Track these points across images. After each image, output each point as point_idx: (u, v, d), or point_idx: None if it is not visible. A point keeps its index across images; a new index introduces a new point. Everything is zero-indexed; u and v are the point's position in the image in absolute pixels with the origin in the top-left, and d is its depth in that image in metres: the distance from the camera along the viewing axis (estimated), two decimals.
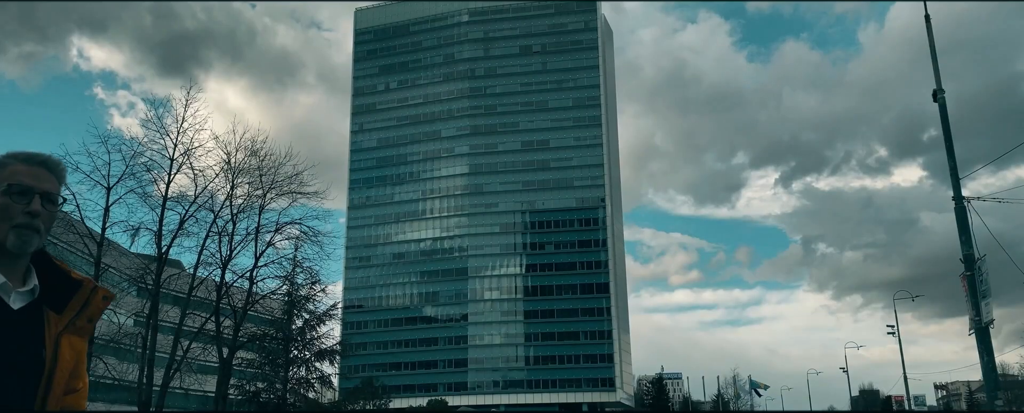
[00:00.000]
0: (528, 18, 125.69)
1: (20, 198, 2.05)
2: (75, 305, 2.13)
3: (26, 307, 2.06)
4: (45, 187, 2.09)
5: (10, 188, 2.05)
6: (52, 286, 2.13)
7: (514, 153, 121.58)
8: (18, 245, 2.02)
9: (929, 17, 17.32)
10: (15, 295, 2.06)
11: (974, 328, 15.39)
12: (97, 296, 2.18)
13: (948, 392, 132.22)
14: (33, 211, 2.04)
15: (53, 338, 2.08)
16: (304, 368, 33.84)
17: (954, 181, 15.84)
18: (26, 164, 2.10)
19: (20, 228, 2.03)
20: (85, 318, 2.15)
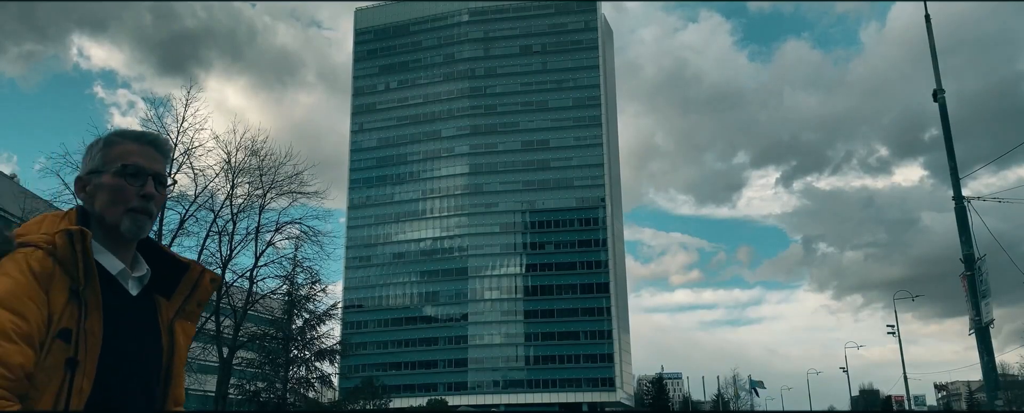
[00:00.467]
0: (528, 18, 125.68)
1: (134, 179, 1.95)
2: (184, 289, 2.06)
3: (141, 294, 2.00)
4: (156, 168, 2.00)
5: (124, 169, 1.95)
6: (158, 270, 2.05)
7: (514, 153, 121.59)
8: (133, 230, 1.93)
9: (929, 17, 17.33)
10: (131, 281, 1.99)
11: (974, 328, 15.40)
12: (205, 279, 2.09)
13: (948, 392, 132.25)
14: (148, 194, 1.95)
15: (166, 324, 2.02)
16: (304, 368, 33.84)
17: (954, 181, 15.85)
18: (137, 143, 2.00)
19: (135, 212, 1.93)
20: (194, 302, 2.08)
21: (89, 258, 1.80)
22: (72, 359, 1.72)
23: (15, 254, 1.78)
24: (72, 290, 1.78)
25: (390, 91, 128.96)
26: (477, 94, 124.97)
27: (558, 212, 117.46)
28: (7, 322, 1.66)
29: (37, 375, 1.69)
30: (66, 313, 1.75)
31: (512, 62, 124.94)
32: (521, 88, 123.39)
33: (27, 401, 1.67)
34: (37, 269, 1.75)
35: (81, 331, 1.75)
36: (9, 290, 1.71)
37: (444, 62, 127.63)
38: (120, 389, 1.83)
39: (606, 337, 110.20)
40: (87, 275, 1.79)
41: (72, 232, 1.80)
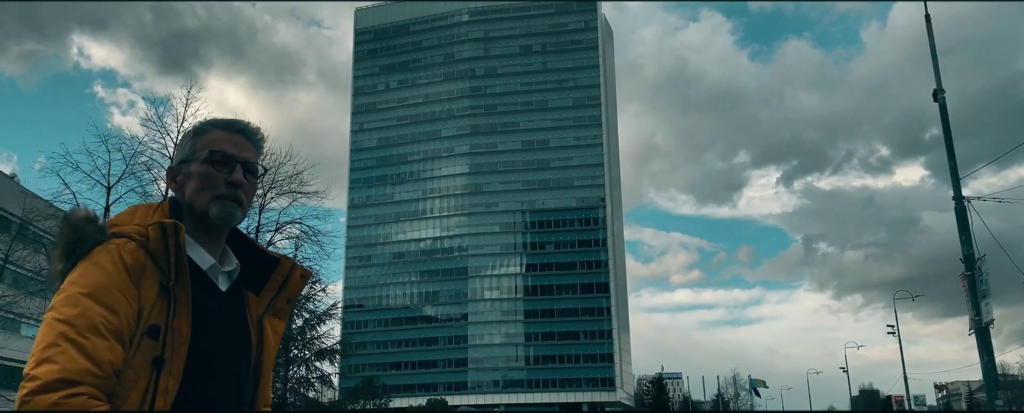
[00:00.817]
0: (528, 18, 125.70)
1: (222, 167, 1.89)
2: (274, 285, 1.98)
3: (231, 289, 1.93)
4: (246, 156, 1.94)
5: (212, 155, 1.89)
6: (248, 265, 1.98)
7: (514, 153, 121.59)
8: (222, 217, 1.86)
9: (929, 17, 17.33)
10: (221, 276, 1.92)
11: (974, 328, 15.40)
12: (295, 274, 2.01)
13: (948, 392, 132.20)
14: (235, 181, 1.88)
15: (256, 321, 1.95)
16: (304, 368, 33.87)
17: (954, 181, 15.85)
18: (226, 131, 1.95)
19: (223, 199, 1.87)
20: (284, 299, 2.00)
21: (181, 253, 1.74)
22: (158, 358, 1.65)
23: (107, 245, 1.70)
24: (162, 285, 1.71)
25: (390, 91, 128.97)
26: (477, 94, 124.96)
27: (558, 212, 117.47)
28: (97, 316, 1.59)
29: (125, 373, 1.62)
30: (156, 309, 1.69)
31: (512, 62, 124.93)
32: (521, 88, 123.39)
33: (114, 400, 1.60)
34: (129, 261, 1.68)
35: (169, 329, 1.68)
36: (100, 283, 1.63)
37: (444, 62, 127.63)
38: (208, 389, 1.76)
39: (606, 337, 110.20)
40: (178, 271, 1.73)
41: (165, 225, 1.74)
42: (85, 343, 1.55)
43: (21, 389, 1.52)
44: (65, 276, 1.69)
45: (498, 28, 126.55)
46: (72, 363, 1.52)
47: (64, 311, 1.59)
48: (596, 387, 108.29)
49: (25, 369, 1.55)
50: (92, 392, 1.53)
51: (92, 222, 1.73)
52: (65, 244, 1.72)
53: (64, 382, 1.50)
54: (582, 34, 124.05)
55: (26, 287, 29.26)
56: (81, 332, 1.56)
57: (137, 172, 27.29)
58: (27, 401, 1.49)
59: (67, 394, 1.49)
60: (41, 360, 1.53)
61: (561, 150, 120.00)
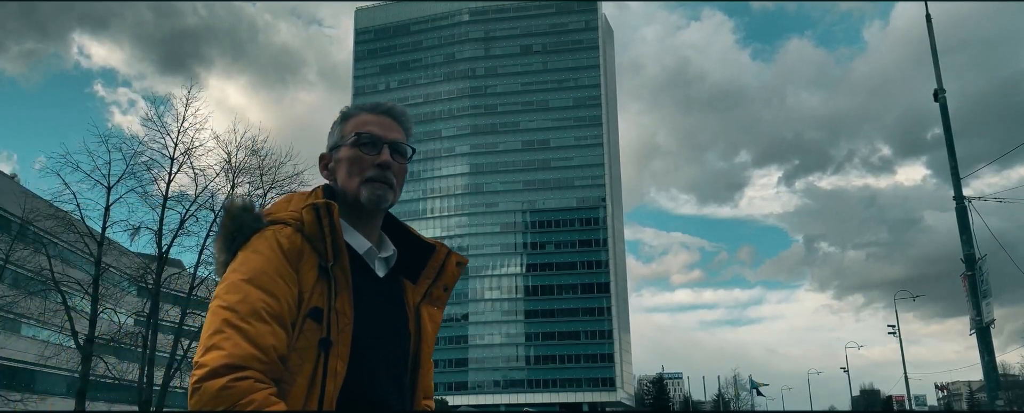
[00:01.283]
0: (529, 18, 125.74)
1: (369, 149, 1.87)
2: (430, 272, 1.93)
3: (388, 276, 1.89)
4: (393, 137, 1.91)
5: (358, 138, 1.88)
6: (403, 252, 1.95)
7: (515, 152, 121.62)
8: (372, 200, 1.84)
9: (930, 17, 17.31)
10: (378, 262, 1.88)
11: (975, 328, 15.39)
12: (451, 262, 1.96)
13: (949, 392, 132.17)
14: (383, 162, 1.87)
15: (413, 309, 1.90)
16: None
17: (955, 181, 15.84)
18: (373, 113, 1.93)
19: (372, 182, 1.85)
20: (441, 287, 1.95)
21: (337, 232, 1.71)
22: (325, 339, 1.64)
23: (264, 231, 1.70)
24: (321, 267, 1.69)
25: (390, 91, 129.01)
26: (477, 94, 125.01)
27: (559, 212, 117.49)
28: (258, 301, 1.59)
29: (290, 357, 1.61)
30: (316, 292, 1.67)
31: (512, 62, 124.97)
32: (521, 88, 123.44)
33: (281, 385, 1.58)
34: (286, 246, 1.67)
35: (332, 310, 1.66)
36: (259, 268, 1.63)
37: (444, 62, 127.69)
38: (372, 374, 1.72)
39: (606, 337, 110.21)
40: (335, 251, 1.71)
41: (318, 206, 1.73)
42: (248, 329, 1.55)
43: (191, 377, 1.52)
44: (226, 267, 1.70)
45: (498, 28, 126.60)
46: (237, 349, 1.52)
47: (227, 298, 1.60)
48: (596, 387, 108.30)
49: (194, 358, 1.56)
50: (258, 376, 1.52)
51: (249, 211, 1.74)
52: (225, 235, 1.72)
53: (230, 367, 1.50)
54: (582, 34, 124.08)
55: (26, 287, 29.24)
56: (244, 318, 1.56)
57: (137, 172, 27.33)
58: (197, 388, 1.50)
59: (234, 378, 1.49)
60: (208, 347, 1.54)
61: (561, 150, 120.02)
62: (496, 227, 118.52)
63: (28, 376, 42.16)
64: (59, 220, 26.75)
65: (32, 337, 39.66)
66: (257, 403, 1.48)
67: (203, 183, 28.72)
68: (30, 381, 42.03)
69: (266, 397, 1.50)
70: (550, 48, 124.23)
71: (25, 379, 41.74)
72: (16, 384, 38.84)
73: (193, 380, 1.51)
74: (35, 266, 27.29)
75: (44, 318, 29.30)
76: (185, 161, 28.19)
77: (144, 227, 27.06)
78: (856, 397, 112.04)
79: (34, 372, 41.37)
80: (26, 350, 39.30)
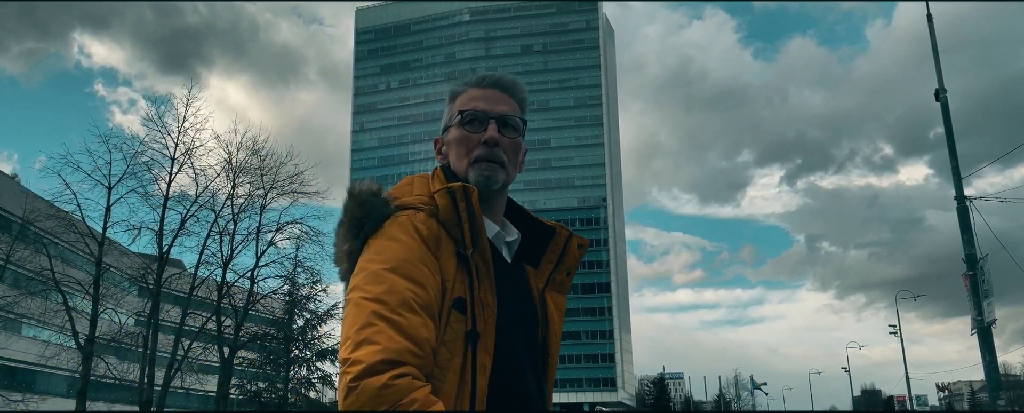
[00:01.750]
0: (529, 17, 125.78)
1: (475, 126, 1.74)
2: (551, 257, 1.82)
3: (513, 261, 1.78)
4: (500, 110, 1.76)
5: (462, 116, 1.75)
6: (523, 235, 1.82)
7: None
8: (481, 181, 1.70)
9: (931, 16, 17.29)
10: (504, 247, 1.76)
11: (976, 328, 15.37)
12: (572, 245, 1.84)
13: (950, 392, 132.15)
14: (489, 139, 1.72)
15: (538, 295, 1.78)
16: (305, 368, 33.84)
17: (956, 180, 15.83)
18: (479, 87, 1.80)
19: (479, 162, 1.72)
20: (564, 271, 1.83)
21: (476, 217, 1.59)
22: (472, 332, 1.52)
23: (398, 217, 1.58)
24: (459, 255, 1.57)
25: (391, 91, 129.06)
26: None
27: (559, 212, 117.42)
28: (406, 291, 1.46)
29: (439, 351, 1.49)
30: (457, 281, 1.55)
31: (513, 61, 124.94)
32: None
33: (433, 381, 1.47)
34: (424, 232, 1.56)
35: (475, 301, 1.54)
36: (402, 256, 1.51)
37: (445, 62, 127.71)
38: (516, 367, 1.61)
39: (607, 337, 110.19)
40: (475, 237, 1.58)
41: (454, 190, 1.60)
42: (400, 320, 1.43)
43: (343, 375, 1.39)
44: (354, 256, 1.58)
45: (499, 28, 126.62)
46: (392, 342, 1.40)
47: (371, 289, 1.47)
48: (597, 387, 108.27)
49: (341, 354, 1.43)
50: (415, 372, 1.41)
51: (377, 195, 1.62)
52: (351, 221, 1.61)
53: (388, 363, 1.38)
54: (583, 34, 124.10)
55: (27, 287, 29.25)
56: (394, 309, 1.44)
57: (138, 172, 27.39)
58: (354, 387, 1.36)
59: (393, 375, 1.37)
60: (358, 342, 1.40)
61: (562, 150, 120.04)
62: None
63: (29, 376, 42.18)
64: (60, 220, 26.77)
65: (33, 337, 39.67)
66: (419, 403, 1.36)
67: (204, 183, 28.79)
68: (31, 381, 42.05)
69: (426, 396, 1.38)
70: (551, 48, 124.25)
71: (26, 379, 41.76)
72: (17, 384, 38.87)
73: (347, 378, 1.38)
74: (36, 266, 27.31)
75: (45, 318, 29.33)
76: (186, 161, 28.26)
77: (145, 227, 27.11)
78: (857, 397, 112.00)
79: (35, 372, 41.38)
80: (27, 350, 39.31)
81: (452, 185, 1.62)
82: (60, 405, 42.62)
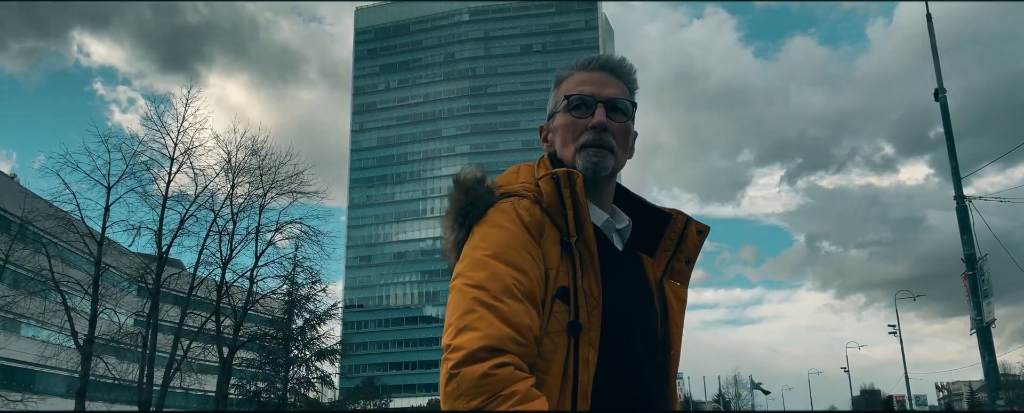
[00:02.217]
0: (529, 17, 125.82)
1: (582, 111, 1.68)
2: (668, 244, 1.73)
3: (625, 250, 1.71)
4: (608, 93, 1.69)
5: (568, 101, 1.70)
6: (636, 222, 1.75)
7: (515, 152, 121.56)
8: (589, 168, 1.64)
9: (931, 16, 17.29)
10: (614, 235, 1.70)
11: (975, 328, 15.37)
12: (691, 231, 1.75)
13: (949, 392, 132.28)
14: (597, 124, 1.65)
15: (655, 285, 1.70)
16: (305, 368, 33.85)
17: (956, 180, 15.83)
18: (585, 70, 1.73)
19: (586, 148, 1.65)
20: (682, 259, 1.74)
21: (580, 204, 1.54)
22: (574, 323, 1.47)
23: (501, 204, 1.56)
24: (563, 243, 1.53)
25: (391, 90, 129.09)
26: (478, 93, 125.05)
27: None
28: (507, 278, 1.43)
29: (543, 342, 1.45)
30: (561, 270, 1.50)
31: (512, 61, 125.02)
32: (522, 87, 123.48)
33: (535, 372, 1.42)
34: (527, 219, 1.52)
35: (579, 291, 1.49)
36: (505, 243, 1.48)
37: (444, 61, 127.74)
38: (627, 361, 1.54)
39: None
40: (579, 225, 1.53)
41: (557, 175, 1.56)
42: (502, 307, 1.40)
43: (445, 362, 1.38)
44: (460, 245, 1.57)
45: (498, 27, 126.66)
46: (494, 329, 1.37)
47: (473, 276, 1.46)
48: None
49: (443, 340, 1.42)
50: (518, 362, 1.37)
51: (481, 182, 1.61)
52: (457, 209, 1.61)
53: (489, 350, 1.35)
54: (583, 33, 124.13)
55: (26, 287, 29.24)
56: (495, 296, 1.41)
57: (137, 172, 27.38)
58: (454, 374, 1.34)
59: (495, 364, 1.33)
60: (460, 328, 1.39)
61: None
62: None
63: (28, 376, 42.15)
64: (59, 220, 26.76)
65: (32, 337, 39.65)
66: (520, 395, 1.32)
67: (203, 183, 28.78)
68: (30, 381, 42.02)
69: (528, 389, 1.34)
70: (550, 48, 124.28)
71: (25, 379, 41.73)
72: (16, 384, 38.83)
73: (449, 365, 1.36)
74: (35, 266, 27.29)
75: (44, 318, 29.30)
76: (185, 161, 28.25)
77: (144, 227, 27.11)
78: (856, 397, 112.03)
79: (34, 372, 41.35)
80: (26, 350, 39.28)
81: (556, 171, 1.58)
82: (59, 405, 42.60)
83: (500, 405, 1.31)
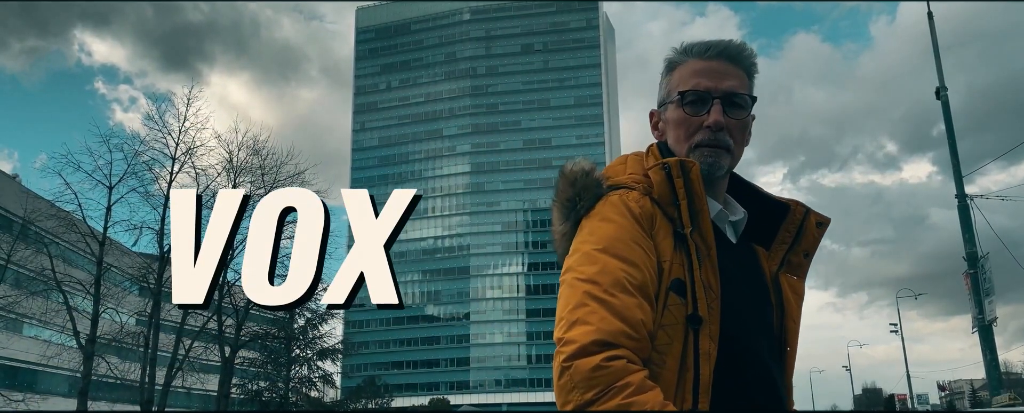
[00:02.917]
0: (530, 16, 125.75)
1: (696, 108, 1.61)
2: (785, 236, 1.66)
3: (740, 242, 1.65)
4: (726, 86, 1.62)
5: (682, 98, 1.62)
6: (752, 213, 1.69)
7: (516, 151, 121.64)
8: (704, 169, 1.58)
9: (932, 15, 17.29)
10: (728, 227, 1.65)
11: (977, 326, 15.37)
12: (810, 222, 1.67)
13: (951, 391, 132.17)
14: (714, 124, 1.59)
15: (771, 279, 1.64)
16: (306, 367, 33.89)
17: (957, 179, 15.84)
18: (702, 58, 1.64)
19: (701, 147, 1.60)
20: (800, 253, 1.67)
21: (696, 192, 1.50)
22: (694, 315, 1.43)
23: (609, 197, 1.52)
24: (677, 234, 1.49)
25: (391, 90, 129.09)
26: (479, 93, 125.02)
27: None
28: (618, 271, 1.40)
29: (657, 335, 1.42)
30: (675, 262, 1.47)
31: (513, 60, 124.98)
32: (523, 87, 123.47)
33: (650, 366, 1.40)
34: (637, 211, 1.49)
35: (696, 282, 1.45)
36: (614, 236, 1.45)
37: (445, 61, 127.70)
38: (746, 354, 1.50)
39: None
40: (693, 214, 1.50)
41: (669, 165, 1.52)
42: (613, 301, 1.38)
43: (558, 355, 1.38)
44: (569, 237, 1.54)
45: (499, 27, 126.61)
46: (605, 323, 1.36)
47: (584, 270, 1.43)
48: None
49: (556, 334, 1.41)
50: (630, 356, 1.35)
51: (588, 174, 1.56)
52: (564, 202, 1.56)
53: (601, 344, 1.34)
54: (583, 32, 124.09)
55: (28, 287, 29.27)
56: (607, 289, 1.39)
57: (139, 172, 27.41)
58: (567, 367, 1.34)
59: (607, 357, 1.32)
60: (572, 322, 1.38)
61: (563, 149, 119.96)
62: (497, 226, 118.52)
63: (30, 376, 42.20)
64: (61, 220, 26.78)
65: (34, 337, 39.68)
66: (633, 387, 1.31)
67: (205, 183, 28.79)
68: (32, 381, 42.07)
69: (642, 381, 1.32)
70: (551, 47, 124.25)
71: (27, 379, 41.78)
72: (18, 384, 38.88)
73: (562, 358, 1.35)
74: (37, 266, 27.32)
75: (46, 318, 29.32)
76: (186, 161, 28.28)
77: (146, 227, 27.13)
78: (858, 396, 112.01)
79: (36, 372, 41.39)
80: (28, 350, 39.32)
81: (667, 160, 1.54)
82: (61, 405, 42.64)
83: (614, 397, 1.30)
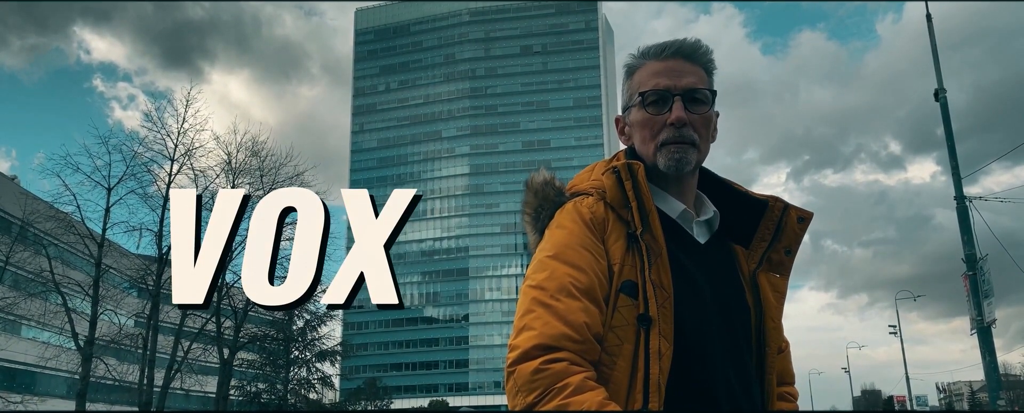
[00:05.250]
0: (529, 18, 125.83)
1: (658, 107, 1.62)
2: (765, 233, 1.67)
3: (711, 241, 1.64)
4: (686, 83, 1.64)
5: (643, 98, 1.64)
6: (729, 212, 1.69)
7: (515, 153, 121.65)
8: (671, 166, 1.60)
9: (930, 16, 17.31)
10: (696, 226, 1.64)
11: (975, 328, 15.37)
12: (789, 218, 1.68)
13: (950, 392, 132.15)
14: (675, 121, 1.61)
15: (749, 278, 1.64)
16: (305, 369, 33.86)
17: (956, 180, 15.84)
18: (658, 59, 1.66)
19: (667, 146, 1.61)
20: (781, 249, 1.68)
21: (643, 195, 1.52)
22: (644, 315, 1.44)
23: (566, 205, 1.57)
24: (630, 236, 1.51)
25: (391, 91, 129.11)
26: (478, 94, 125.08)
27: None
28: (564, 276, 1.44)
29: (607, 336, 1.44)
30: (627, 263, 1.49)
31: (513, 62, 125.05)
32: (522, 88, 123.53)
33: (601, 368, 1.42)
34: (588, 216, 1.53)
35: (647, 283, 1.46)
36: (564, 242, 1.49)
37: (445, 62, 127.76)
38: (704, 355, 1.50)
39: None
40: (643, 215, 1.51)
41: (618, 169, 1.56)
42: (557, 305, 1.42)
43: (506, 360, 1.44)
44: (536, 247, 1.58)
45: (498, 28, 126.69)
46: (548, 328, 1.40)
47: (535, 277, 1.48)
48: None
49: (509, 341, 1.46)
50: (573, 358, 1.38)
51: (550, 184, 1.63)
52: (531, 212, 1.62)
53: (542, 348, 1.38)
54: (583, 34, 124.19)
55: (27, 289, 29.24)
56: (552, 295, 1.43)
57: (137, 173, 27.40)
58: (511, 372, 1.40)
59: (546, 360, 1.37)
60: (519, 329, 1.43)
61: (562, 150, 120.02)
62: (496, 228, 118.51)
63: (28, 377, 42.16)
64: (59, 222, 26.78)
65: (32, 339, 39.67)
66: (572, 388, 1.34)
67: (203, 184, 28.77)
68: (31, 383, 42.03)
69: (582, 381, 1.35)
70: (550, 48, 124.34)
71: (25, 380, 41.74)
72: (16, 385, 38.84)
73: (507, 363, 1.42)
74: (35, 268, 27.30)
75: (44, 320, 29.32)
76: (185, 162, 28.27)
77: (144, 229, 27.12)
78: (857, 397, 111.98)
79: (34, 373, 41.36)
80: (26, 351, 39.29)
81: (615, 163, 1.58)
82: (59, 406, 42.59)
83: (553, 398, 1.34)
